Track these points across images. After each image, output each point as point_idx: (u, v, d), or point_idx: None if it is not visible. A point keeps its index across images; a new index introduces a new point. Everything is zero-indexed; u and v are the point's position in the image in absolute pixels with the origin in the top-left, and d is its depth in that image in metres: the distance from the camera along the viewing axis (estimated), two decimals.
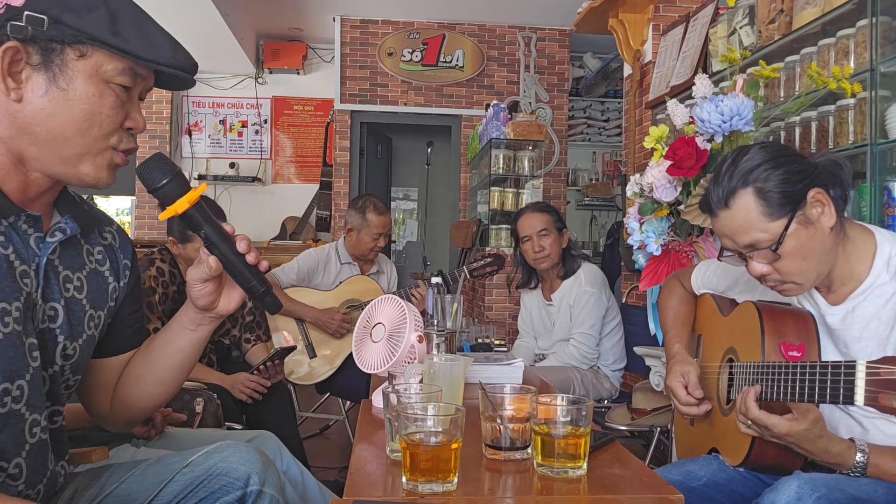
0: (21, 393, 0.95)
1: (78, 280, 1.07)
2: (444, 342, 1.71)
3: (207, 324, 1.15)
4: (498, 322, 4.41)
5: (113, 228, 1.19)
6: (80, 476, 1.19)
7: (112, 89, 0.97)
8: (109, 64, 0.96)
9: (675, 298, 1.72)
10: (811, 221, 1.24)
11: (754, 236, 1.24)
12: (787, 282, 1.27)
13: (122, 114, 1.00)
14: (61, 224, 1.04)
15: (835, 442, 1.18)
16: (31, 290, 0.98)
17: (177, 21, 3.67)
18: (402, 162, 7.48)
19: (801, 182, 1.23)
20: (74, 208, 1.08)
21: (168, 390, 1.20)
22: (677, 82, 3.12)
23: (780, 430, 1.17)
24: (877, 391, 1.00)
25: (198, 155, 6.43)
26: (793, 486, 1.11)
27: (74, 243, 1.08)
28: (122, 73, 0.97)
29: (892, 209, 1.92)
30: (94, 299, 1.10)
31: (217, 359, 2.54)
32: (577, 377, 2.74)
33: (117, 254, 1.17)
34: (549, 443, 1.05)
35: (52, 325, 1.02)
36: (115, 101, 0.98)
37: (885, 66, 1.96)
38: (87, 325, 1.09)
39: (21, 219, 0.99)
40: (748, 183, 1.24)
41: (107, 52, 0.95)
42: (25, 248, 0.98)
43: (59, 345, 1.03)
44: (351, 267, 3.13)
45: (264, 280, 1.08)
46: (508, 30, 5.93)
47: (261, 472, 1.13)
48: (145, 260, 2.36)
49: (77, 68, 0.94)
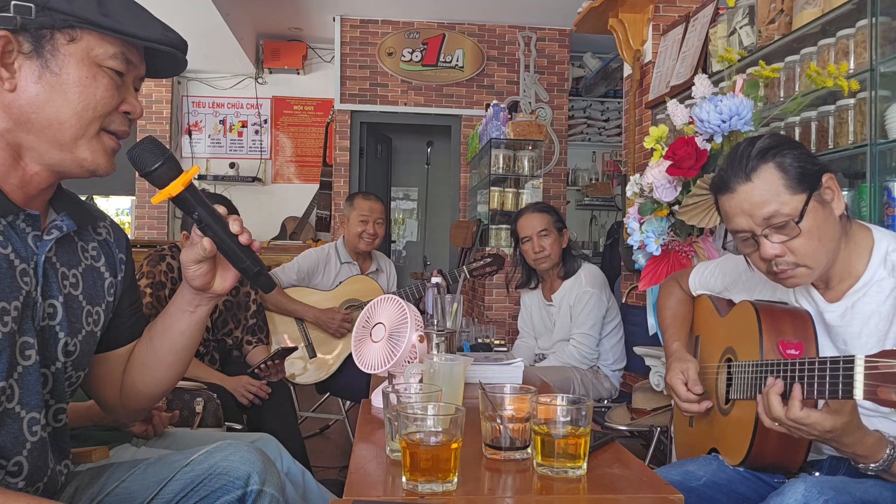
0: (12, 391, 0.96)
1: (74, 277, 1.08)
2: (444, 342, 1.71)
3: (205, 304, 1.16)
4: (498, 322, 4.41)
5: (106, 223, 1.19)
6: (81, 475, 1.20)
7: (105, 73, 0.97)
8: (100, 47, 0.96)
9: (674, 299, 1.72)
10: (826, 203, 1.26)
11: (774, 207, 1.23)
12: (799, 265, 1.25)
13: (118, 97, 1.00)
14: (57, 221, 1.04)
15: (869, 434, 1.14)
16: (30, 288, 0.98)
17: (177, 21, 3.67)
18: (402, 162, 7.48)
19: (816, 164, 1.27)
20: (70, 205, 1.08)
21: (175, 373, 1.21)
22: (677, 82, 3.12)
23: (823, 427, 1.10)
24: (876, 385, 1.00)
25: (198, 155, 6.43)
26: (800, 489, 1.11)
27: (69, 240, 1.09)
28: (114, 56, 0.97)
29: (892, 209, 1.92)
30: (91, 295, 1.11)
31: (219, 357, 2.54)
32: (577, 377, 2.75)
33: (112, 248, 1.18)
34: (548, 443, 1.05)
35: (52, 322, 1.02)
36: (109, 83, 0.98)
37: (885, 66, 1.96)
38: (86, 321, 1.09)
39: (19, 217, 0.99)
40: (769, 159, 1.25)
41: (97, 34, 0.96)
42: (24, 247, 0.98)
43: (59, 341, 1.03)
44: (351, 266, 3.13)
45: (258, 260, 1.09)
46: (508, 30, 5.93)
47: (261, 472, 1.14)
48: (156, 255, 2.38)
49: (68, 52, 0.95)
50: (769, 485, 1.38)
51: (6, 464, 0.96)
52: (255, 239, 1.09)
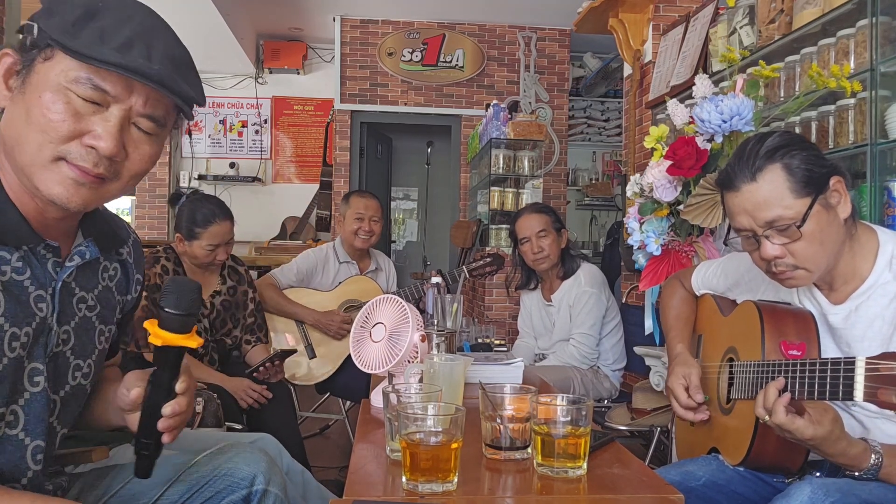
0: (15, 418, 0.94)
1: (92, 300, 1.06)
2: (444, 342, 1.71)
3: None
4: (498, 322, 4.41)
5: (129, 243, 1.16)
6: (86, 475, 1.19)
7: (68, 97, 0.89)
8: (69, 70, 0.88)
9: (677, 298, 1.72)
10: (831, 206, 1.24)
11: (778, 212, 1.22)
12: (798, 267, 1.25)
13: (75, 125, 0.89)
14: (81, 248, 1.02)
15: (853, 444, 1.16)
16: (45, 314, 0.96)
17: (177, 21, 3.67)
18: (402, 162, 7.48)
19: (825, 167, 1.24)
20: (99, 229, 1.05)
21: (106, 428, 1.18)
22: (677, 82, 3.12)
23: (804, 434, 1.14)
24: (876, 387, 1.00)
25: (198, 155, 6.43)
26: (806, 491, 1.10)
27: (92, 263, 1.06)
28: (76, 81, 0.88)
29: (893, 209, 1.92)
30: (104, 316, 1.10)
31: (219, 357, 2.54)
32: (577, 377, 2.75)
33: (130, 270, 1.17)
34: (549, 443, 1.05)
35: (65, 347, 1.01)
36: (66, 108, 0.88)
37: (885, 66, 1.96)
38: (98, 339, 1.08)
39: (40, 245, 0.96)
40: (776, 159, 1.23)
41: (67, 56, 0.88)
42: (43, 273, 0.96)
43: (70, 365, 1.02)
44: (349, 266, 3.13)
45: (155, 447, 1.01)
46: (508, 30, 5.93)
47: (266, 472, 1.14)
48: (151, 258, 2.37)
49: (39, 71, 0.89)
50: (769, 485, 1.38)
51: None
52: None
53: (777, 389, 1.16)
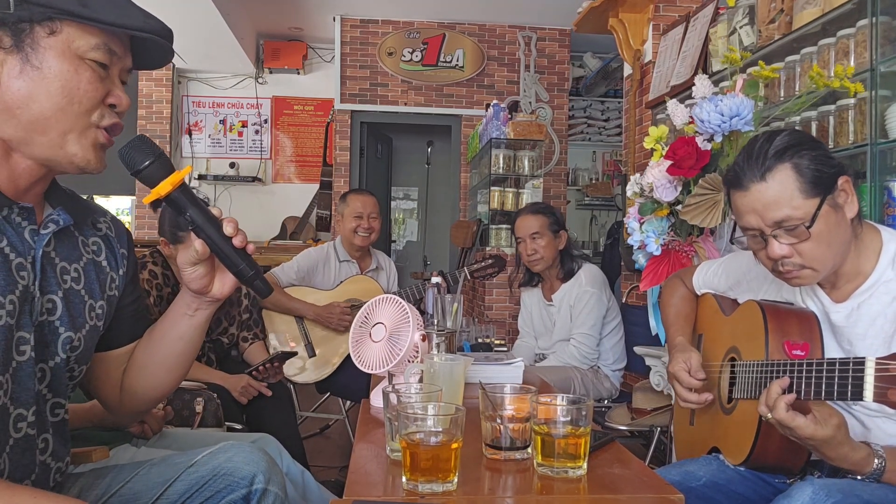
0: (7, 386, 0.95)
1: (76, 271, 1.07)
2: (444, 342, 1.71)
3: (205, 308, 1.14)
4: (498, 322, 4.41)
5: (107, 219, 1.18)
6: (85, 476, 1.19)
7: (88, 65, 0.95)
8: (81, 39, 0.94)
9: (677, 297, 1.72)
10: (839, 206, 1.24)
11: (786, 212, 1.22)
12: (805, 267, 1.24)
13: (103, 90, 0.98)
14: (53, 216, 1.03)
15: (856, 450, 1.15)
16: (27, 282, 0.97)
17: (177, 21, 3.68)
18: (402, 162, 7.48)
19: (833, 166, 1.24)
20: (65, 200, 1.07)
21: (174, 377, 1.20)
22: (677, 82, 3.12)
23: (804, 433, 1.13)
24: (886, 387, 0.99)
25: (198, 155, 6.43)
26: (807, 491, 1.10)
27: (69, 235, 1.08)
28: (96, 48, 0.95)
29: (893, 209, 1.92)
30: (93, 290, 1.10)
31: (216, 357, 2.54)
32: (578, 377, 2.75)
33: (114, 244, 1.17)
34: (549, 443, 1.05)
35: (51, 317, 1.02)
36: (92, 75, 0.96)
37: (885, 66, 1.96)
38: (89, 315, 1.08)
39: (14, 211, 0.98)
40: (786, 159, 1.23)
41: (77, 25, 0.94)
42: (20, 241, 0.98)
43: (60, 336, 1.03)
44: (350, 265, 3.13)
45: (253, 263, 1.06)
46: (508, 29, 5.93)
47: (266, 471, 1.14)
48: (138, 263, 2.35)
49: (48, 45, 0.93)
50: (770, 485, 1.38)
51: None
52: (250, 241, 1.07)
53: (781, 387, 1.16)
